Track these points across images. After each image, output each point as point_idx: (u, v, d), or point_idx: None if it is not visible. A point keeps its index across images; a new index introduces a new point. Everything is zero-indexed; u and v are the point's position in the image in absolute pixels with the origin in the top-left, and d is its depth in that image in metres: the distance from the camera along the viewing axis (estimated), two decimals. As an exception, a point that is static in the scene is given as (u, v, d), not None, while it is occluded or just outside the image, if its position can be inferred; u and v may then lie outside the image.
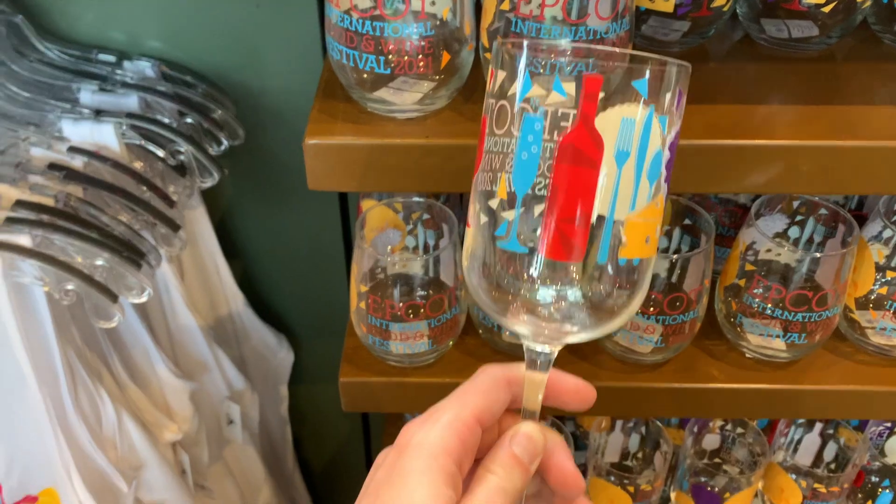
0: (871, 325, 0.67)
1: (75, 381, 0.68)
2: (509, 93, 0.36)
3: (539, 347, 0.39)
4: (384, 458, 0.39)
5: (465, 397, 0.38)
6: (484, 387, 0.39)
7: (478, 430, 0.38)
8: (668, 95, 0.35)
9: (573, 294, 0.37)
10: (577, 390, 0.42)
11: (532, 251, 0.36)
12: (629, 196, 0.35)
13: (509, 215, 0.37)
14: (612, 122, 0.34)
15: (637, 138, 0.35)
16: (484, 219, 0.38)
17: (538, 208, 0.36)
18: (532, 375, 0.40)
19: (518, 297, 0.37)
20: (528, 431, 0.39)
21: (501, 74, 0.36)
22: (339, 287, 0.93)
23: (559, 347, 0.39)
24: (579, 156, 0.35)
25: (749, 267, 0.63)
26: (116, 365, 0.75)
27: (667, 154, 0.36)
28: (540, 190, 0.35)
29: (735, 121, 0.54)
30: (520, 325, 0.39)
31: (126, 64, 0.76)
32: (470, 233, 0.39)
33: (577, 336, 0.39)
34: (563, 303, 0.37)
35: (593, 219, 0.35)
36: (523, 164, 0.36)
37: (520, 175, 0.36)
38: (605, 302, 0.37)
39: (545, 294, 0.37)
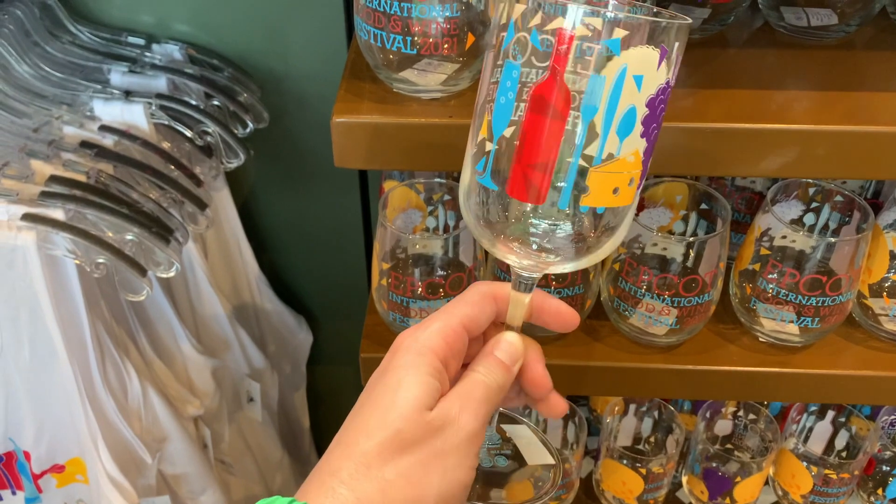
0: (884, 312, 0.67)
1: (103, 354, 0.70)
2: (498, 34, 0.38)
3: (524, 273, 0.42)
4: None
5: (453, 307, 0.43)
6: (472, 299, 0.44)
7: (464, 335, 0.42)
8: (646, 52, 0.36)
9: (548, 230, 0.40)
10: (558, 312, 0.46)
11: (501, 189, 0.39)
12: (595, 149, 0.37)
13: (487, 152, 0.39)
14: (584, 77, 0.36)
15: (606, 94, 0.36)
16: (472, 150, 0.41)
17: (509, 150, 0.38)
18: (516, 295, 0.44)
19: (498, 229, 0.41)
20: (509, 338, 0.44)
21: (501, 7, 0.38)
22: (358, 270, 0.95)
23: (540, 274, 0.43)
24: (547, 106, 0.37)
25: (764, 252, 0.64)
26: (142, 340, 0.77)
27: (643, 110, 0.37)
28: (513, 133, 0.38)
29: (753, 106, 0.55)
30: (504, 254, 0.42)
31: (154, 47, 0.78)
32: (465, 161, 0.42)
33: (559, 267, 0.42)
34: (540, 238, 0.40)
35: (557, 166, 0.37)
36: (501, 107, 0.38)
37: (498, 116, 0.38)
38: (579, 241, 0.40)
39: (520, 229, 0.40)
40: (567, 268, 0.42)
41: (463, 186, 0.42)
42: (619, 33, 0.35)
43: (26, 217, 0.61)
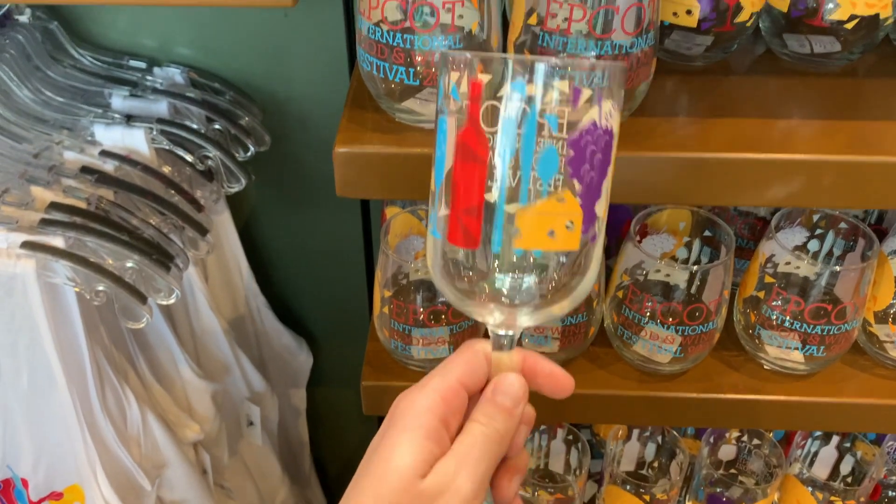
0: (889, 339, 0.67)
1: (102, 380, 0.70)
2: (437, 98, 0.41)
3: (500, 330, 0.42)
4: None
5: (448, 366, 0.42)
6: (466, 356, 0.43)
7: (462, 393, 0.42)
8: (555, 93, 0.37)
9: (500, 281, 0.40)
10: (552, 374, 0.44)
11: (444, 238, 0.41)
12: (516, 190, 0.38)
13: (432, 204, 0.41)
14: (499, 121, 0.38)
15: (521, 136, 0.37)
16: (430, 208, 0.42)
17: (445, 199, 0.40)
18: (497, 356, 0.43)
19: (464, 285, 0.41)
20: (510, 378, 0.42)
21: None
22: (358, 292, 0.95)
23: (516, 332, 0.42)
24: (468, 152, 0.39)
25: (768, 279, 0.64)
26: (142, 365, 0.77)
27: (568, 151, 0.38)
28: (445, 182, 0.40)
29: (757, 134, 0.55)
30: (476, 312, 0.42)
31: (156, 70, 0.78)
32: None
33: (526, 318, 0.42)
34: (495, 288, 0.41)
35: (485, 209, 0.39)
36: (438, 160, 0.40)
37: (438, 169, 0.40)
38: (543, 293, 0.41)
39: (487, 284, 0.41)
40: (531, 320, 0.42)
41: (427, 247, 0.43)
42: (524, 76, 0.37)
43: (26, 245, 0.61)
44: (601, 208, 0.40)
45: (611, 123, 0.39)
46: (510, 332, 0.42)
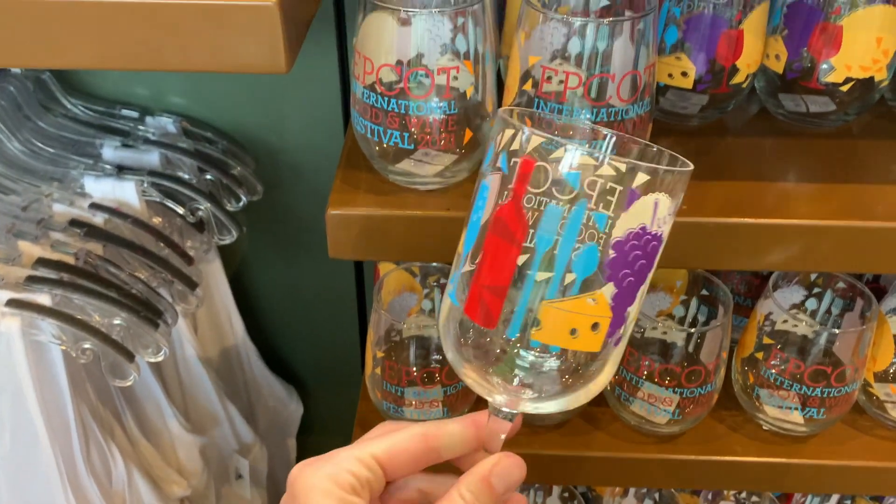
0: (890, 400, 0.66)
1: (87, 437, 0.68)
2: (485, 155, 0.38)
3: (501, 405, 0.40)
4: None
5: (371, 440, 0.40)
6: (394, 436, 0.40)
7: (372, 464, 0.38)
8: (610, 194, 0.34)
9: (509, 365, 0.38)
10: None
11: (461, 307, 0.38)
12: (547, 282, 0.36)
13: (457, 267, 0.39)
14: (543, 206, 0.35)
15: (563, 228, 0.35)
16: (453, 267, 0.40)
17: (470, 268, 0.38)
18: (493, 423, 0.40)
19: (465, 350, 0.39)
20: (510, 463, 0.39)
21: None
22: (350, 340, 0.93)
23: (517, 407, 0.40)
24: (505, 230, 0.36)
25: (767, 340, 0.63)
26: (129, 420, 0.75)
27: (610, 253, 0.35)
28: (475, 252, 0.38)
29: (753, 197, 0.54)
30: (471, 381, 0.40)
31: (148, 119, 0.77)
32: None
33: (530, 405, 0.39)
34: (503, 370, 0.38)
35: (511, 293, 0.36)
36: (472, 225, 0.38)
37: (470, 234, 0.38)
38: (540, 382, 0.38)
39: (484, 354, 0.38)
40: (544, 408, 0.40)
41: (442, 307, 0.41)
42: (581, 168, 0.34)
43: (11, 303, 0.60)
44: (633, 312, 0.37)
45: (663, 229, 0.36)
46: (512, 410, 0.40)
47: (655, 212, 0.35)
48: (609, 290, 0.36)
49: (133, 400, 0.76)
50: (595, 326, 0.37)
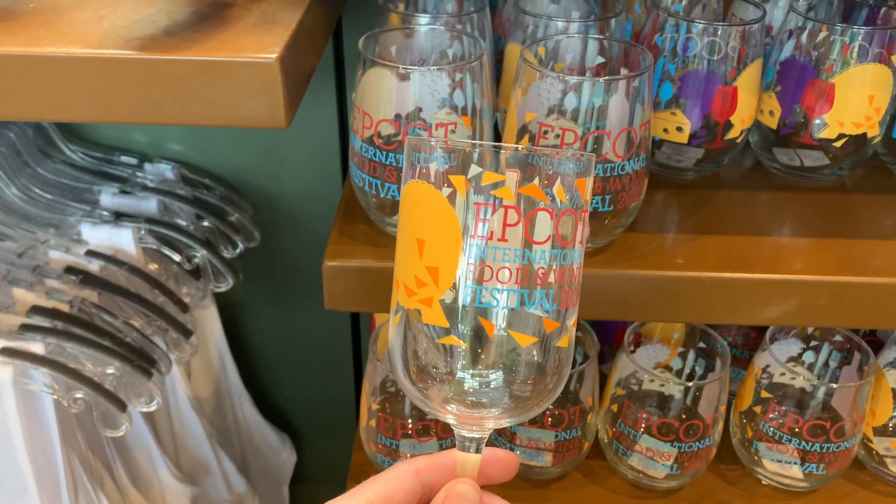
0: (890, 455, 0.65)
1: (77, 487, 0.67)
2: None
3: (465, 432, 0.39)
4: None
5: (364, 486, 0.39)
6: (387, 476, 0.39)
7: None
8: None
9: (481, 380, 0.37)
10: (495, 460, 0.41)
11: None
12: None
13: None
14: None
15: None
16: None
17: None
18: (463, 457, 0.39)
19: (429, 382, 0.38)
20: (461, 489, 0.39)
21: None
22: (345, 388, 0.93)
23: (484, 433, 0.39)
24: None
25: (765, 394, 0.63)
26: (119, 469, 0.74)
27: None
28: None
29: (749, 252, 0.54)
30: (439, 412, 0.39)
31: (147, 166, 0.77)
32: None
33: (498, 421, 0.38)
34: (475, 392, 0.37)
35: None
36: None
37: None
38: (513, 389, 0.37)
39: (454, 386, 0.37)
40: (507, 422, 0.39)
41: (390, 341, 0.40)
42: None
43: (4, 351, 0.59)
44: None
45: None
46: (476, 434, 0.39)
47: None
48: None
49: (124, 448, 0.75)
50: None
